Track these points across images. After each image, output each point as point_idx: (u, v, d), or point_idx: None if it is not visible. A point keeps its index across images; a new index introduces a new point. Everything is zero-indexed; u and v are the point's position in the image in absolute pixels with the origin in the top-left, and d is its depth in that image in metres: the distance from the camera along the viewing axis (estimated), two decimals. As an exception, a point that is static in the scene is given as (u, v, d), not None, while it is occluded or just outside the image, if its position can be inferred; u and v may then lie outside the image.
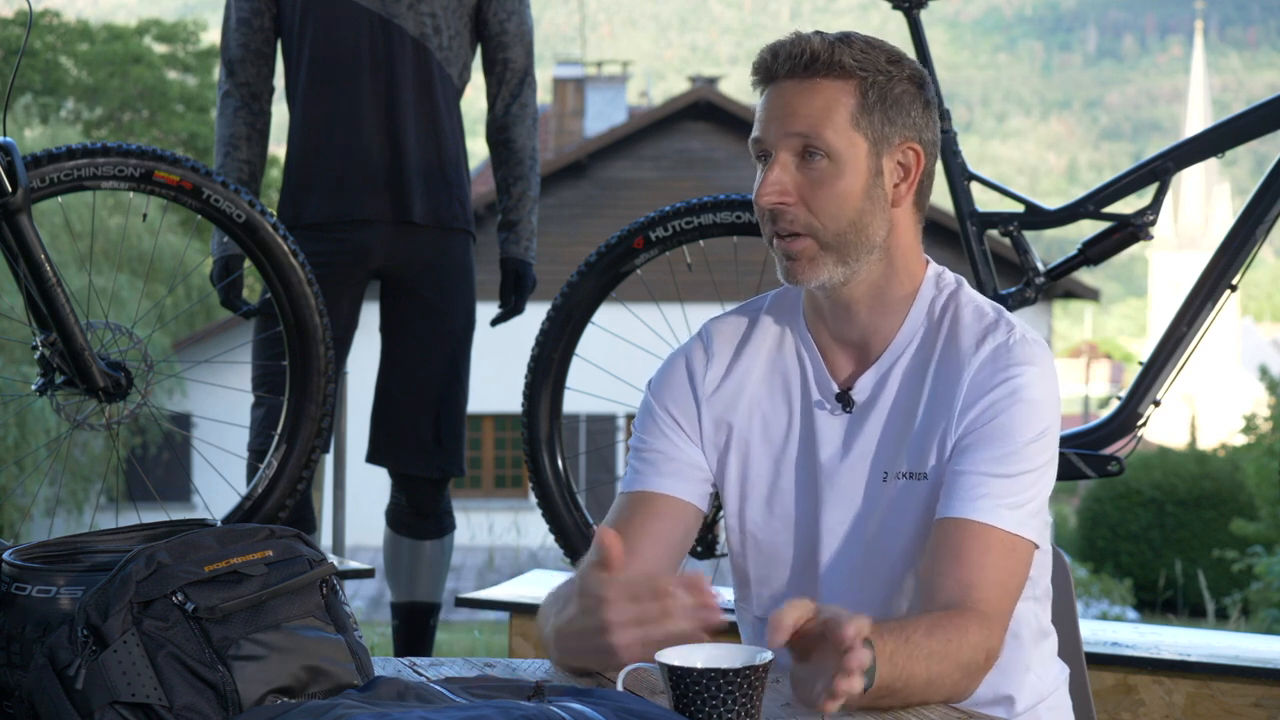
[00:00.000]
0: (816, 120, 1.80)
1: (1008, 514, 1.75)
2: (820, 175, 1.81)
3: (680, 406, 1.94)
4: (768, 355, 1.93)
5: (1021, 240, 3.05)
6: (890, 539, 1.83)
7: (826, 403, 1.87)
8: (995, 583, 1.73)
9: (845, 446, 1.86)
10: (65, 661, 1.42)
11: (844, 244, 1.82)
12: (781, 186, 1.82)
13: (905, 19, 3.08)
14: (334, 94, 3.40)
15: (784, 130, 1.81)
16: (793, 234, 1.83)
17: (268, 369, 3.37)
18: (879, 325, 1.87)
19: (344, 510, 4.29)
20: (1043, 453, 1.79)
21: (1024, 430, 1.78)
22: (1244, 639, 3.09)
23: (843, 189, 1.81)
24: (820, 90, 1.81)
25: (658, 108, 22.36)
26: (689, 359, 1.96)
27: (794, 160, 1.82)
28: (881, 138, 1.82)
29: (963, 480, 1.76)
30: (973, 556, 1.73)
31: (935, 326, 1.86)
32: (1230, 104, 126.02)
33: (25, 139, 21.10)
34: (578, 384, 3.32)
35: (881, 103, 1.81)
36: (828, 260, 1.82)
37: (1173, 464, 18.74)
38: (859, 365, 1.88)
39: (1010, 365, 1.80)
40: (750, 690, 1.46)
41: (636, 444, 1.96)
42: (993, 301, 1.90)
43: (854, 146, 1.81)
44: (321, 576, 1.56)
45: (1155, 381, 2.95)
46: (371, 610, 12.75)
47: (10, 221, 2.84)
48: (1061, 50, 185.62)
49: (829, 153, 1.80)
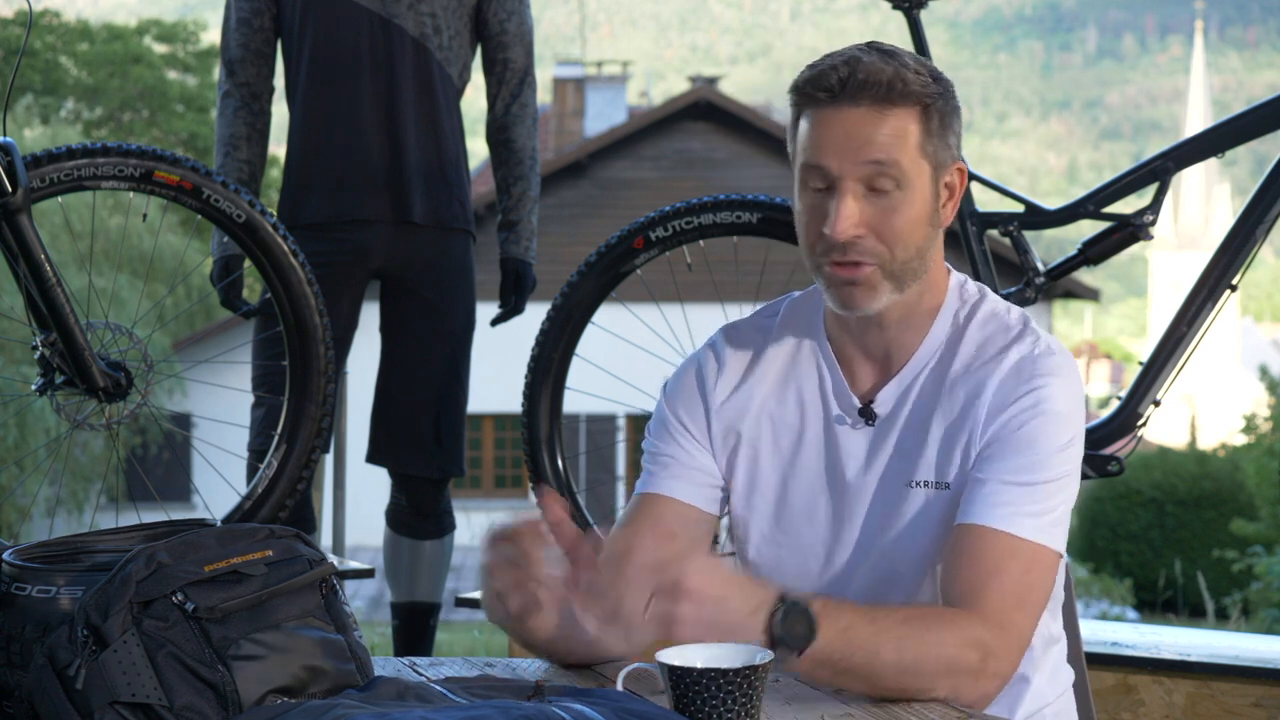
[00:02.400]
0: (893, 149, 1.76)
1: (1027, 522, 1.73)
2: (893, 205, 1.77)
3: (691, 413, 1.94)
4: (782, 366, 1.92)
5: (1021, 240, 3.05)
6: (909, 547, 1.82)
7: (848, 417, 1.86)
8: (1008, 591, 1.71)
9: (869, 460, 1.85)
10: (65, 661, 1.42)
11: (906, 271, 1.80)
12: (856, 219, 1.77)
13: (905, 19, 3.08)
14: (334, 94, 3.40)
15: (858, 158, 1.76)
16: (859, 262, 1.79)
17: (268, 369, 3.37)
18: (903, 338, 1.86)
19: (344, 510, 4.29)
20: (1066, 462, 1.77)
21: (1047, 441, 1.76)
22: (1244, 639, 3.09)
23: (913, 217, 1.78)
24: (893, 118, 1.76)
25: (658, 108, 22.36)
26: (701, 367, 1.95)
27: (863, 190, 1.78)
28: (940, 162, 1.80)
29: (983, 488, 1.75)
30: (985, 562, 1.72)
31: (958, 338, 1.85)
32: (1230, 104, 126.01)
33: (25, 139, 21.10)
34: (578, 384, 3.32)
35: (941, 126, 1.79)
36: (887, 287, 1.80)
37: (1173, 464, 18.73)
38: (880, 377, 1.87)
39: (1035, 377, 1.78)
40: (750, 690, 1.46)
41: (649, 448, 1.96)
42: (1020, 310, 1.88)
43: (921, 174, 1.79)
44: (321, 576, 1.56)
45: (1155, 381, 2.95)
46: (371, 610, 12.75)
47: (10, 221, 2.84)
48: (1061, 50, 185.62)
49: (901, 181, 1.77)
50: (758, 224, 3.11)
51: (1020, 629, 1.72)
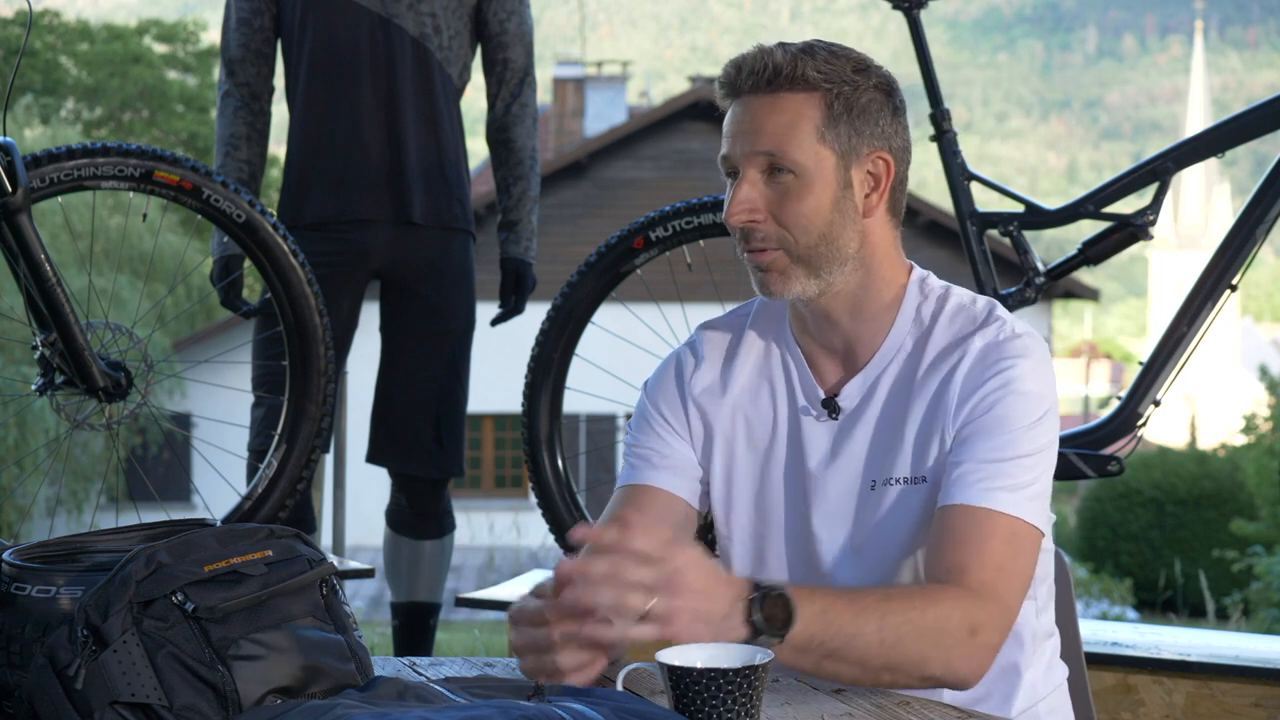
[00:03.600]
0: (781, 136, 1.79)
1: (1005, 496, 1.74)
2: (788, 190, 1.81)
3: (671, 407, 1.96)
4: (755, 362, 1.94)
5: (1021, 240, 3.05)
6: (886, 545, 1.83)
7: (813, 409, 1.88)
8: (992, 565, 1.71)
9: (833, 453, 1.86)
10: (65, 661, 1.42)
11: (815, 257, 1.82)
12: (751, 204, 1.81)
13: (905, 19, 3.08)
14: (334, 94, 3.40)
15: (750, 147, 1.81)
16: (763, 248, 1.83)
17: (268, 369, 3.37)
18: (861, 333, 1.87)
19: (344, 510, 4.29)
20: (1040, 436, 1.78)
21: (1019, 418, 1.77)
22: (1244, 639, 3.09)
23: (811, 203, 1.81)
24: (785, 104, 1.80)
25: (658, 108, 22.35)
26: (679, 362, 1.99)
27: (762, 176, 1.82)
28: (849, 149, 1.81)
29: (959, 469, 1.76)
30: (968, 539, 1.72)
31: (925, 333, 1.86)
32: (1230, 104, 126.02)
33: (25, 139, 21.09)
34: (578, 384, 3.32)
35: (848, 113, 1.81)
36: (799, 273, 1.82)
37: (1173, 464, 18.74)
38: (846, 373, 1.89)
39: (1001, 359, 1.79)
40: (750, 690, 1.46)
41: (631, 442, 1.98)
42: (987, 298, 1.89)
43: (821, 160, 1.80)
44: (321, 576, 1.56)
45: (1155, 381, 2.95)
46: (371, 610, 12.75)
47: (10, 221, 2.84)
48: (1061, 50, 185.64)
49: (795, 169, 1.80)
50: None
51: (1006, 599, 1.72)
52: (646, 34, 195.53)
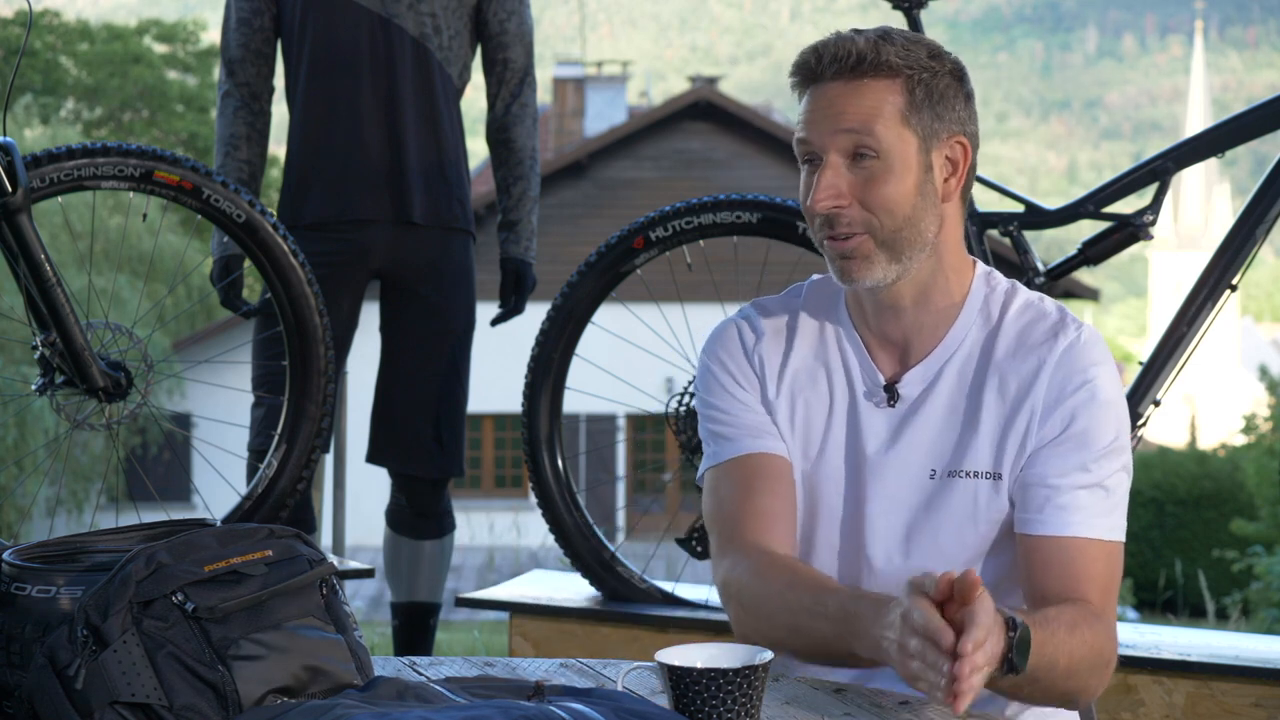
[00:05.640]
0: (867, 118, 1.80)
1: (1102, 522, 1.81)
2: (873, 174, 1.81)
3: (742, 371, 1.95)
4: (811, 345, 1.93)
5: (1021, 240, 3.05)
6: (938, 534, 1.85)
7: (873, 395, 1.89)
8: (1100, 590, 1.79)
9: (892, 440, 1.87)
10: (65, 661, 1.42)
11: (898, 241, 1.82)
12: (836, 190, 1.81)
13: (905, 19, 3.08)
14: (334, 94, 3.40)
15: (834, 129, 1.80)
16: (850, 234, 1.82)
17: (268, 369, 3.37)
18: (925, 324, 1.88)
19: (344, 510, 4.29)
20: (1122, 453, 1.84)
21: (1104, 434, 1.82)
22: (1244, 639, 3.09)
23: (897, 187, 1.81)
24: (869, 90, 1.80)
25: (658, 108, 22.36)
26: (740, 331, 1.97)
27: (845, 161, 1.81)
28: (931, 133, 1.82)
29: (1057, 497, 1.80)
30: (1075, 569, 1.79)
31: (994, 327, 1.87)
32: (1230, 104, 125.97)
33: (25, 139, 21.10)
34: (578, 384, 3.32)
35: (929, 98, 1.82)
36: (882, 258, 1.82)
37: (1173, 464, 18.74)
38: (902, 364, 1.89)
39: (1087, 366, 1.83)
40: (750, 690, 1.46)
41: (710, 412, 1.95)
42: (1051, 298, 1.92)
43: (905, 144, 1.81)
44: (321, 576, 1.56)
45: (1155, 381, 2.95)
46: (371, 610, 12.74)
47: (10, 221, 2.84)
48: (1061, 50, 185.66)
49: (880, 151, 1.80)
50: (758, 224, 3.12)
51: (1113, 619, 1.81)
52: (646, 34, 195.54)
